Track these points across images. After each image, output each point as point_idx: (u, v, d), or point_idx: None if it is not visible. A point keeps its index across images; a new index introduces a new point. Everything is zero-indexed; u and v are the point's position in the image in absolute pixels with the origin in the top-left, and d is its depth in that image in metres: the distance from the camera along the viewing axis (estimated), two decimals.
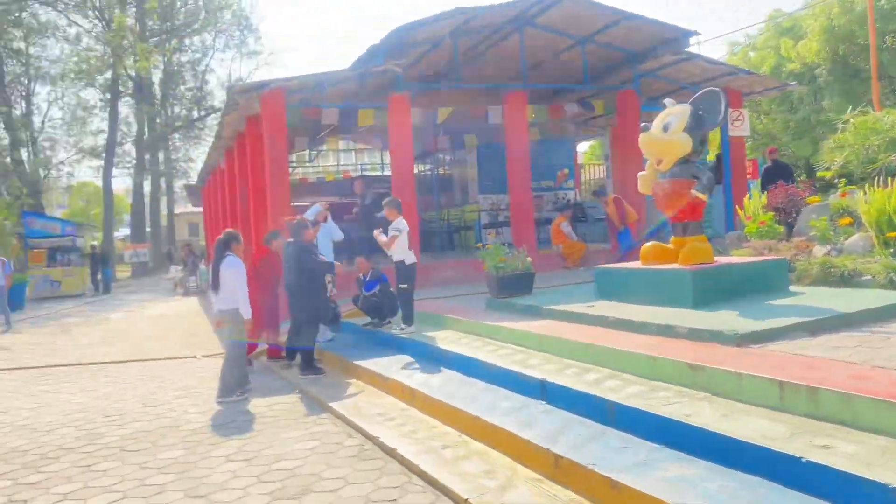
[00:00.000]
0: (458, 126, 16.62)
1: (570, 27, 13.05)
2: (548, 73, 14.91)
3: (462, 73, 13.31)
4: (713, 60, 14.48)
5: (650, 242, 7.36)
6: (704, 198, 6.62)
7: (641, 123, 7.15)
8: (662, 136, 6.74)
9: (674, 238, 7.06)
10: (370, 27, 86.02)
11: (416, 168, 16.56)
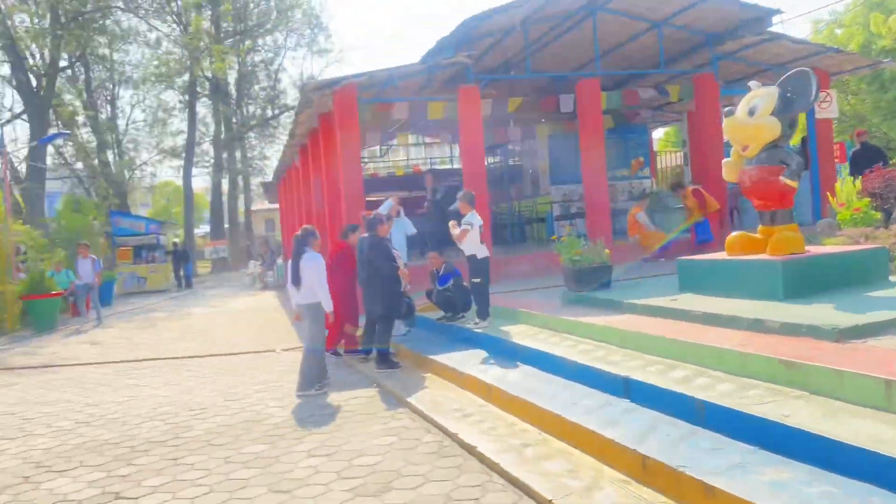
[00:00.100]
0: (529, 116, 16.43)
1: (645, 10, 12.68)
2: (621, 59, 14.55)
3: (532, 62, 13.11)
4: (798, 39, 13.77)
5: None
6: (794, 184, 6.30)
7: (724, 108, 6.82)
8: (748, 121, 6.42)
9: (762, 227, 6.74)
10: (418, 26, 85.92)
11: (486, 160, 16.42)
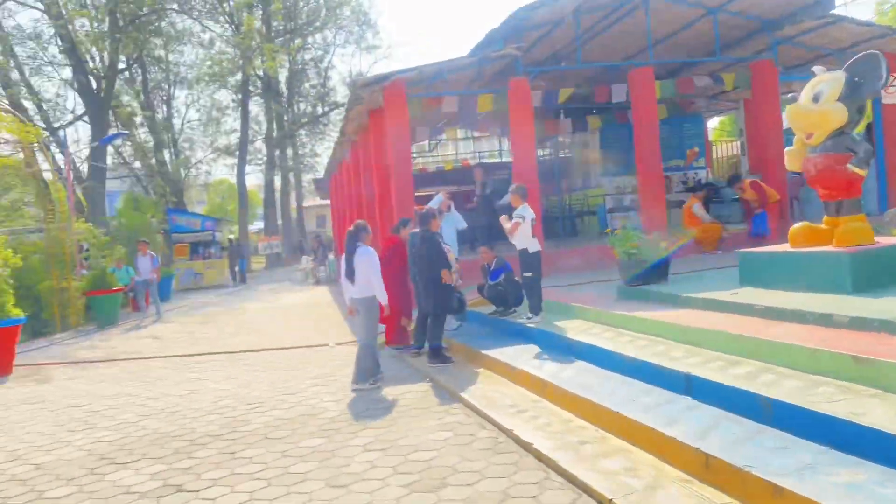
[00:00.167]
0: (579, 107, 16.20)
1: None
2: (674, 48, 14.20)
3: (583, 53, 12.90)
4: (862, 22, 13.23)
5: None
6: (863, 173, 6.04)
7: (787, 94, 6.57)
8: (813, 108, 6.18)
9: (827, 218, 6.48)
10: (466, 19, 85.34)
11: (536, 153, 16.24)
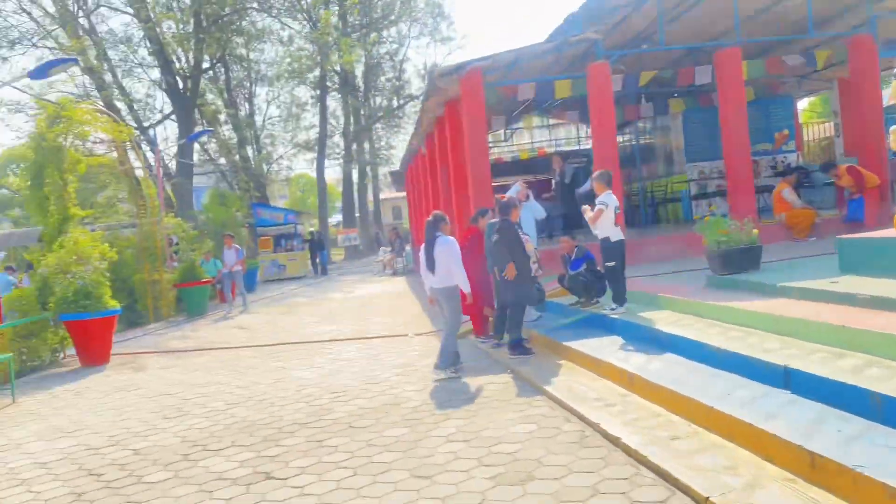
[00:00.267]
0: (660, 91, 15.68)
1: None
2: (763, 26, 13.52)
3: (666, 35, 12.46)
4: None
5: None
6: None
7: (891, 70, 6.13)
8: None
9: None
10: (540, 5, 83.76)
11: (617, 139, 15.83)
